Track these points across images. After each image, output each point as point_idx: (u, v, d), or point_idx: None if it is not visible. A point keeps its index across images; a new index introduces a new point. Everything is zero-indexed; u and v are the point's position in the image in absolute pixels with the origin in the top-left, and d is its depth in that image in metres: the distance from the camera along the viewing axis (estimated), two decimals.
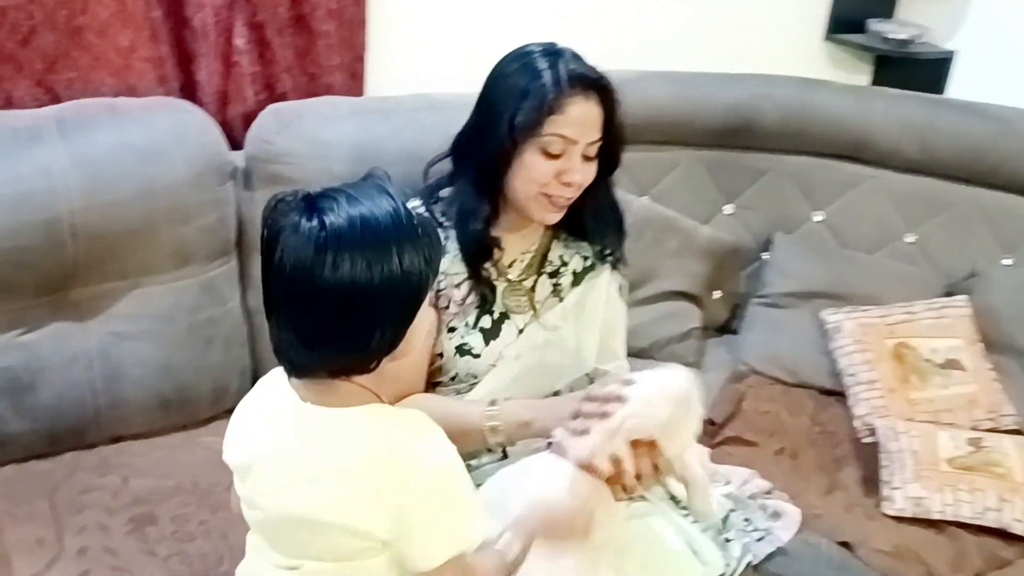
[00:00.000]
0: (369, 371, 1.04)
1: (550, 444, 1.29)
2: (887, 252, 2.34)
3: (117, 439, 1.68)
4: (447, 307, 1.51)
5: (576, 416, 1.29)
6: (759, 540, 1.64)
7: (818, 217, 2.36)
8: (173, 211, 1.64)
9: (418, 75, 2.04)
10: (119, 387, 1.64)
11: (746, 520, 1.65)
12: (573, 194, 1.46)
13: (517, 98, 1.40)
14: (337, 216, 0.97)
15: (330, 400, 1.05)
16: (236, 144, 1.83)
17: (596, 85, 1.42)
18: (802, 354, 2.19)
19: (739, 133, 2.30)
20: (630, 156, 2.25)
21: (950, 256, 2.30)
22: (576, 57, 1.44)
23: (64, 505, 1.51)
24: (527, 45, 1.46)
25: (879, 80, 2.72)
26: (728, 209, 2.36)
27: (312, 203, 0.99)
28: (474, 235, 1.47)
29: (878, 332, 2.15)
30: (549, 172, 1.42)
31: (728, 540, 1.58)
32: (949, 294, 2.23)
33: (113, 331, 1.64)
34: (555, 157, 1.41)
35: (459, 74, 1.99)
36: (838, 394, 2.12)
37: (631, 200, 2.19)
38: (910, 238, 2.33)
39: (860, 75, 2.74)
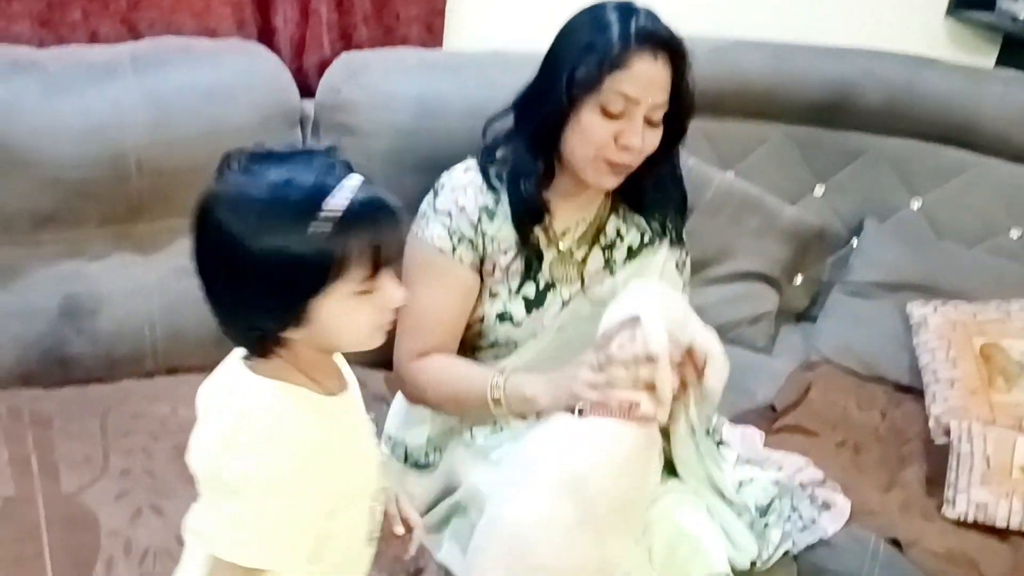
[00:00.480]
0: (266, 349, 0.98)
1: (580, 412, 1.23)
2: (988, 247, 2.17)
3: (173, 370, 1.71)
4: (492, 272, 1.46)
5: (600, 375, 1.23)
6: (802, 530, 1.56)
7: (915, 204, 2.20)
8: None
9: (496, 32, 1.98)
10: (177, 321, 1.66)
11: (793, 508, 1.58)
12: (633, 160, 1.38)
13: (580, 51, 1.33)
14: (241, 177, 0.92)
15: (252, 365, 1.01)
16: (311, 92, 1.81)
17: (667, 44, 1.33)
18: (881, 347, 2.06)
19: (837, 110, 2.15)
20: (716, 127, 2.21)
21: None
22: (650, 15, 1.36)
23: (113, 428, 1.55)
24: (603, 2, 1.38)
25: (1004, 62, 2.49)
26: (818, 190, 2.22)
27: (231, 161, 0.94)
28: (524, 196, 1.41)
29: (966, 329, 2.00)
30: (607, 133, 1.34)
31: (767, 526, 1.52)
32: None
33: (174, 266, 1.66)
34: (615, 117, 1.33)
35: (537, 33, 1.93)
36: (915, 391, 1.98)
37: (712, 174, 2.10)
38: (1015, 233, 2.15)
39: (983, 56, 2.51)
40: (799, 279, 2.22)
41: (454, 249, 1.43)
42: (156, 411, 1.60)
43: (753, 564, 1.47)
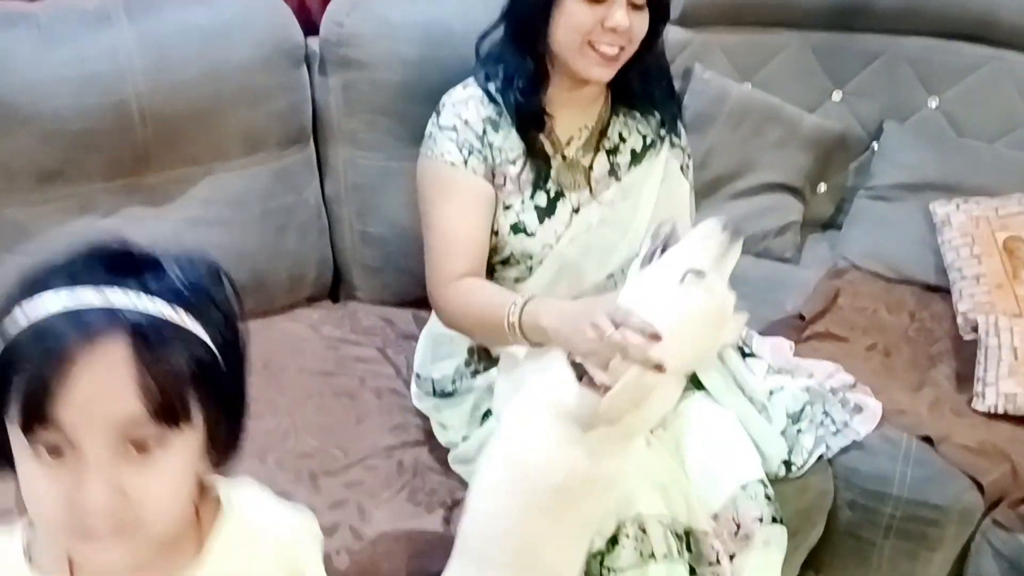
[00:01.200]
0: None
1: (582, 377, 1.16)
2: (1008, 141, 2.08)
3: None
4: (504, 184, 1.41)
5: (598, 336, 1.13)
6: (835, 433, 1.55)
7: (933, 103, 2.11)
8: (241, 94, 1.56)
9: None
10: None
11: (825, 413, 1.57)
12: (621, 42, 1.33)
13: None
14: None
15: None
16: (316, 30, 1.71)
17: None
18: (907, 249, 2.00)
19: (852, 13, 2.06)
20: (731, 39, 2.11)
21: None
22: None
23: None
24: None
25: None
26: (836, 96, 2.13)
27: None
28: (522, 101, 1.38)
29: (989, 224, 1.94)
30: (591, 18, 1.31)
31: (800, 432, 1.50)
32: None
33: (186, 216, 1.59)
34: (598, 2, 1.31)
35: None
36: (942, 290, 1.94)
37: (730, 87, 2.02)
38: None
39: None
40: (823, 187, 2.15)
41: (466, 162, 1.39)
42: None
43: (789, 468, 1.45)
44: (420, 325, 1.72)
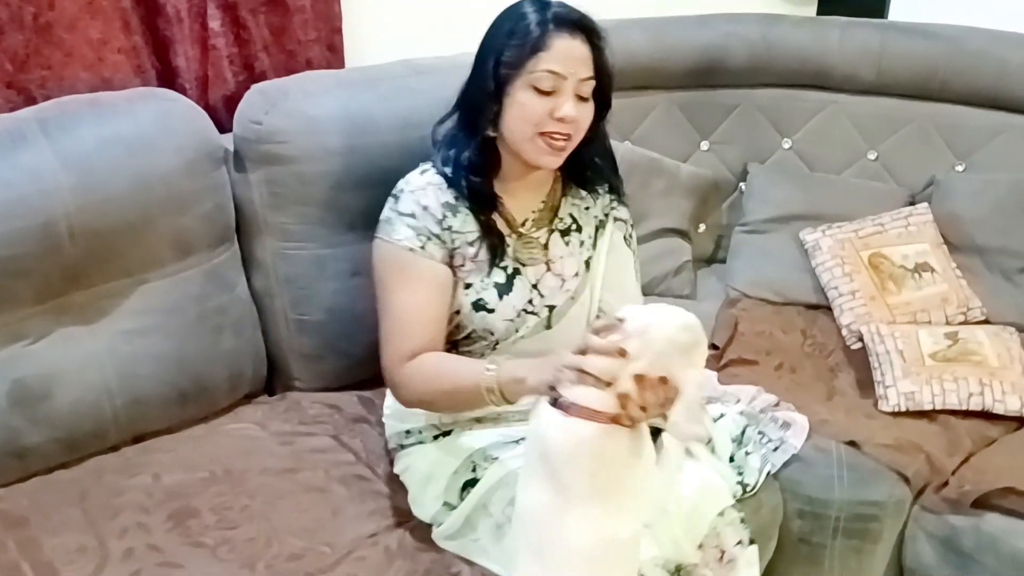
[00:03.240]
0: None
1: (555, 403, 1.11)
2: (853, 171, 2.23)
3: (139, 438, 1.49)
4: (463, 264, 1.37)
5: (579, 356, 1.10)
6: (774, 451, 1.58)
7: (787, 144, 2.23)
8: (169, 201, 1.44)
9: (396, 42, 1.83)
10: (135, 385, 1.45)
11: (760, 433, 1.59)
12: (569, 131, 1.33)
13: (504, 39, 1.32)
14: None
15: None
16: (221, 128, 1.61)
17: (580, 24, 1.33)
18: (787, 274, 2.09)
19: (710, 72, 2.16)
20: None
21: (910, 168, 2.20)
22: (563, 4, 1.35)
23: (98, 510, 1.33)
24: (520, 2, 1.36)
25: (824, 10, 2.56)
26: (704, 146, 2.23)
27: None
28: (474, 183, 1.36)
29: (853, 246, 2.06)
30: (543, 109, 1.31)
31: (748, 454, 1.52)
32: (912, 204, 2.14)
33: (122, 329, 1.44)
34: (547, 94, 1.30)
35: (438, 37, 1.81)
36: (824, 307, 2.04)
37: (615, 146, 2.04)
38: (872, 156, 2.22)
39: (807, 6, 2.58)
40: (702, 227, 2.24)
41: (423, 247, 1.35)
42: (138, 483, 1.40)
43: (744, 491, 1.46)
44: (366, 406, 1.65)
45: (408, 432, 1.45)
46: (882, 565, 1.63)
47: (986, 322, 1.98)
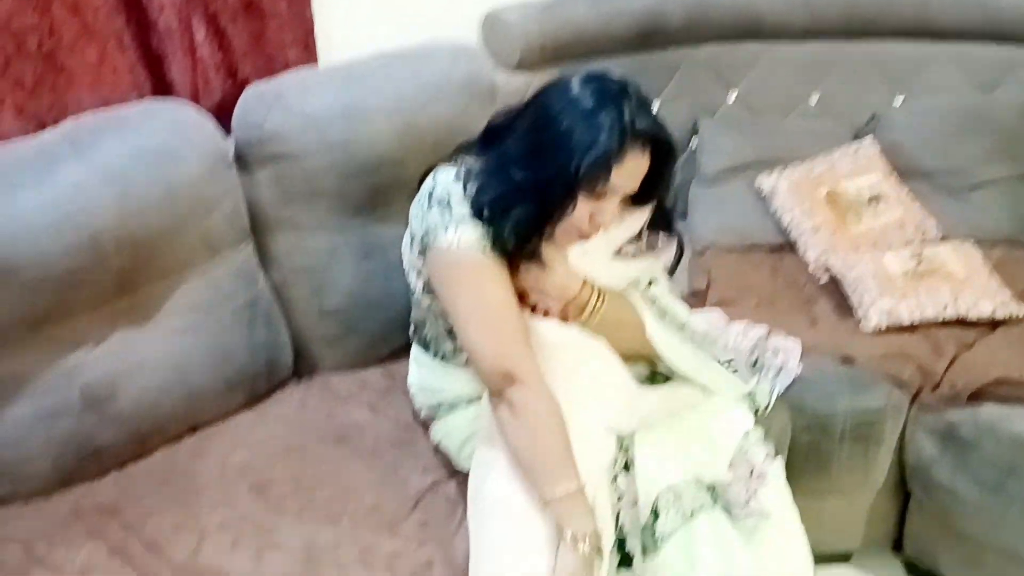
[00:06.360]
0: None
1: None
2: (797, 114, 2.64)
3: (193, 429, 1.78)
4: None
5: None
6: (776, 375, 1.91)
7: (732, 97, 2.62)
8: (197, 205, 1.73)
9: (366, 36, 2.16)
10: (188, 378, 1.74)
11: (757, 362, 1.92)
12: (598, 233, 1.51)
13: (583, 150, 1.39)
14: None
15: None
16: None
17: (656, 139, 1.46)
18: (748, 220, 2.45)
19: (650, 35, 2.49)
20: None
21: (851, 106, 2.61)
22: (641, 105, 1.45)
23: (181, 493, 1.62)
24: (598, 75, 1.47)
25: None
26: (655, 106, 2.58)
27: None
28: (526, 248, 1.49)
29: (809, 185, 2.44)
30: (587, 212, 1.46)
31: (758, 381, 1.83)
32: (857, 139, 2.54)
33: (172, 327, 1.73)
34: (597, 199, 1.45)
35: (408, 25, 2.17)
36: (788, 247, 2.40)
37: None
38: (814, 98, 2.64)
39: None
40: None
41: (491, 247, 1.47)
42: (209, 465, 1.69)
43: (757, 415, 1.74)
44: (391, 379, 1.95)
45: (439, 404, 1.72)
46: (886, 463, 2.02)
47: (944, 239, 2.35)
